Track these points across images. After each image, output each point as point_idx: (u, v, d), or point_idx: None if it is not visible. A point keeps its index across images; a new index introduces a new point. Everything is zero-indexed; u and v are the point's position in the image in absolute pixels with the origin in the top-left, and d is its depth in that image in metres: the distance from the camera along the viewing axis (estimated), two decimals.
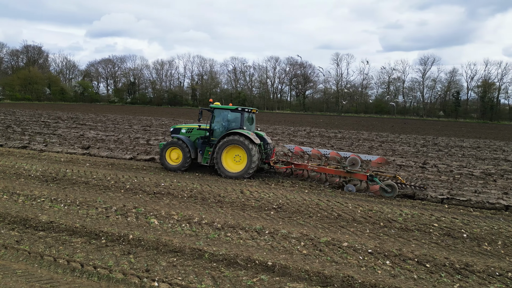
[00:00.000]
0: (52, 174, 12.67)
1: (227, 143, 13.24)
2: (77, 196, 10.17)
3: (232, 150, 13.41)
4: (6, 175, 12.40)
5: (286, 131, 34.09)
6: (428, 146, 26.60)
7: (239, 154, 13.35)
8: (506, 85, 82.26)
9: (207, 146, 13.97)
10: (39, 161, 15.10)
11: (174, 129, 15.37)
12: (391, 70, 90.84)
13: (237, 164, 13.49)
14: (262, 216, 9.11)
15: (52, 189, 10.83)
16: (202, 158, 14.01)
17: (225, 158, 13.50)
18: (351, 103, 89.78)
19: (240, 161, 13.38)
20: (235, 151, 13.41)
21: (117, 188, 11.29)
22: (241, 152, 13.26)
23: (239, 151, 13.31)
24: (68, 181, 11.85)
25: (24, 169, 13.41)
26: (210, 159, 13.70)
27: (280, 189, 11.97)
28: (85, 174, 13.00)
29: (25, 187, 10.93)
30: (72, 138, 22.66)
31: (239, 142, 13.07)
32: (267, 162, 14.29)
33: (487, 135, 40.59)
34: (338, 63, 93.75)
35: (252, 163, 13.00)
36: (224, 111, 14.25)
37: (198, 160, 14.07)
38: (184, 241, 7.25)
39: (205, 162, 13.92)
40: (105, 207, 9.30)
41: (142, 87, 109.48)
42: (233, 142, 13.14)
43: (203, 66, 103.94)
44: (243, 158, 13.25)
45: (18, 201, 9.56)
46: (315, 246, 7.30)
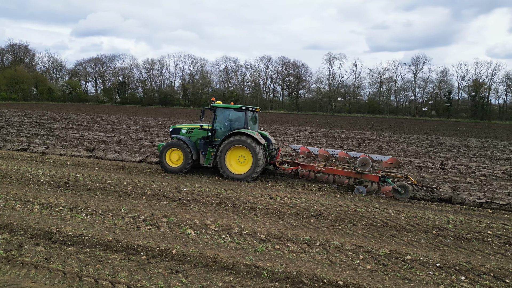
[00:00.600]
0: (62, 179, 11.81)
1: (231, 144, 12.63)
2: (97, 204, 9.37)
3: (236, 151, 12.81)
4: (13, 180, 11.49)
5: (288, 131, 33.49)
6: (436, 146, 26.29)
7: (244, 155, 12.76)
8: (496, 85, 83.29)
9: (209, 146, 13.34)
10: (44, 165, 14.18)
11: (173, 129, 14.64)
12: (382, 70, 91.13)
13: (242, 166, 12.87)
14: (304, 225, 8.45)
15: (67, 196, 9.99)
16: (204, 159, 13.34)
17: (229, 159, 12.89)
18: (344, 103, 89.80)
19: (244, 162, 12.80)
20: (239, 152, 12.82)
21: (137, 194, 10.51)
22: (246, 153, 12.67)
23: (244, 152, 12.72)
24: (83, 187, 11.01)
25: (30, 173, 12.50)
26: (213, 160, 13.08)
27: (310, 194, 11.33)
28: (98, 178, 12.17)
29: (38, 194, 10.07)
30: (72, 139, 21.65)
31: (243, 143, 12.47)
32: (273, 163, 13.72)
33: (485, 134, 40.66)
34: (331, 62, 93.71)
35: (258, 164, 12.41)
36: (227, 110, 13.59)
37: (200, 162, 13.42)
38: (232, 256, 6.55)
39: (208, 164, 13.25)
40: (131, 216, 8.53)
41: (132, 86, 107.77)
42: (238, 142, 12.54)
43: (194, 66, 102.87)
44: (248, 159, 12.69)
45: (34, 210, 8.72)
46: (376, 260, 6.67)
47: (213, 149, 13.20)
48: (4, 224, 7.62)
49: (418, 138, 32.53)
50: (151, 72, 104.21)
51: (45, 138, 21.79)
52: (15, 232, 7.30)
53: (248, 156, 12.71)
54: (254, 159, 12.45)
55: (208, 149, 13.31)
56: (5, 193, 9.99)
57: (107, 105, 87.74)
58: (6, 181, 11.42)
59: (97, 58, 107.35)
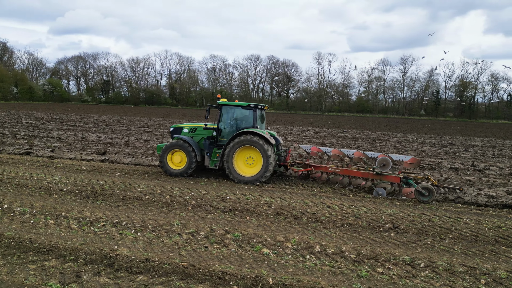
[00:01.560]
0: (87, 188, 10.50)
1: (239, 144, 11.77)
2: (142, 217, 8.16)
3: (244, 151, 11.97)
4: (32, 190, 10.13)
5: (292, 131, 32.55)
6: (448, 146, 25.80)
7: (252, 155, 11.91)
8: (483, 84, 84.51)
9: (214, 147, 12.39)
10: (58, 171, 12.79)
11: (174, 129, 13.60)
12: (370, 69, 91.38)
13: (250, 167, 11.98)
14: (388, 241, 7.47)
15: (103, 209, 8.74)
16: (209, 161, 12.40)
17: (236, 161, 11.96)
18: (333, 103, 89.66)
19: (253, 163, 11.93)
20: (247, 153, 11.96)
21: (180, 204, 9.33)
22: (255, 154, 11.84)
23: (252, 153, 11.87)
24: (114, 197, 9.75)
25: (47, 181, 11.14)
26: (219, 162, 12.15)
27: (366, 201, 10.37)
28: (126, 186, 10.91)
29: (67, 206, 8.78)
30: (75, 142, 20.13)
31: (253, 143, 11.62)
32: (283, 165, 12.79)
33: (482, 133, 40.63)
34: (320, 62, 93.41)
35: (268, 165, 11.56)
36: (234, 108, 12.72)
37: (205, 164, 12.48)
38: (335, 283, 5.52)
39: (213, 166, 12.34)
40: (189, 232, 7.39)
41: (116, 85, 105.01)
42: (247, 142, 11.70)
43: (181, 64, 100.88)
44: (257, 160, 11.84)
45: (73, 227, 7.47)
46: (502, 285, 5.74)
47: (219, 150, 12.28)
48: (47, 247, 6.37)
49: (423, 137, 32.09)
50: (136, 70, 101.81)
51: (45, 140, 20.19)
52: (64, 258, 6.06)
53: (257, 157, 11.85)
54: (265, 160, 11.59)
55: (214, 150, 12.37)
56: (29, 206, 8.67)
57: (91, 105, 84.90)
58: (24, 190, 10.06)
59: (80, 56, 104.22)
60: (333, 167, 12.28)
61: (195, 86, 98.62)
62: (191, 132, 13.20)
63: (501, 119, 77.01)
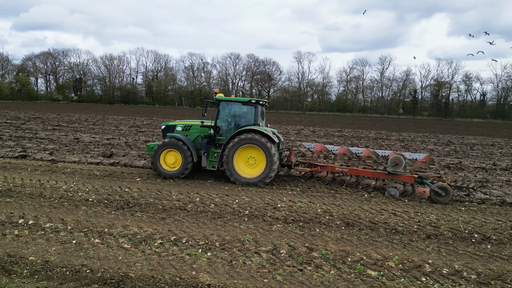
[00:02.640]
0: (114, 197, 9.16)
1: (240, 143, 10.87)
2: (202, 233, 6.98)
3: (245, 151, 11.07)
4: (52, 201, 8.69)
5: (289, 130, 31.67)
6: (451, 145, 25.65)
7: (254, 155, 11.05)
8: (457, 84, 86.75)
9: (212, 147, 11.42)
10: (69, 177, 11.31)
11: (166, 127, 12.55)
12: (349, 69, 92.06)
13: (251, 168, 11.12)
14: (492, 255, 6.64)
15: (148, 222, 7.49)
16: (207, 161, 11.43)
17: (237, 161, 11.05)
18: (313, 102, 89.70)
19: (255, 164, 11.07)
20: (248, 153, 11.08)
21: (233, 215, 8.20)
22: (257, 153, 10.99)
23: (254, 152, 11.01)
24: (153, 207, 8.48)
25: (63, 189, 9.69)
26: (218, 162, 11.19)
27: (427, 207, 9.52)
28: (157, 194, 9.64)
29: (105, 220, 7.48)
30: (70, 143, 18.39)
31: (256, 141, 10.76)
32: (287, 165, 11.98)
33: (465, 131, 41.15)
34: (300, 61, 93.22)
35: (272, 165, 10.74)
36: (233, 104, 11.82)
37: (202, 165, 11.53)
38: None
39: (211, 167, 11.37)
40: (267, 250, 6.30)
41: (89, 83, 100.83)
42: (248, 141, 10.81)
43: (158, 62, 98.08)
44: (260, 160, 11.01)
45: (125, 247, 6.24)
46: None
47: (217, 150, 11.35)
48: (114, 276, 5.12)
49: (418, 136, 31.95)
50: (110, 68, 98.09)
51: (36, 142, 18.34)
52: None
53: (259, 157, 10.98)
54: (268, 160, 10.74)
55: (211, 150, 11.40)
56: (58, 221, 7.30)
57: (62, 104, 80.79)
58: (42, 201, 8.61)
59: (49, 52, 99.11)
60: (340, 166, 11.53)
61: (172, 84, 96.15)
62: (185, 130, 12.16)
63: (475, 118, 79.24)
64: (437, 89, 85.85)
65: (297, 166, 12.10)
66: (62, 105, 71.46)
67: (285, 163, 12.01)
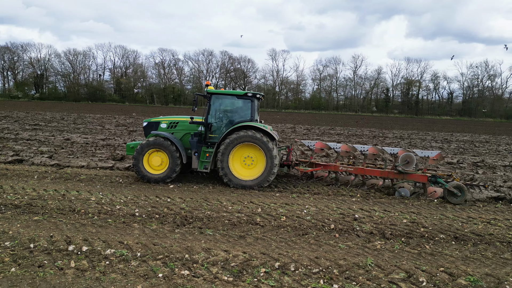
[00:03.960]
0: (162, 210, 7.71)
1: (237, 141, 9.79)
2: (305, 255, 5.73)
3: (241, 150, 10.03)
4: (93, 219, 7.14)
5: (284, 128, 30.62)
6: (451, 142, 25.56)
7: (251, 155, 10.03)
8: (426, 83, 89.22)
9: (203, 145, 10.26)
10: (89, 185, 9.68)
11: (148, 124, 11.18)
12: (322, 67, 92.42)
13: (248, 169, 10.13)
14: None
15: (227, 243, 6.17)
16: (198, 162, 10.20)
17: (232, 162, 10.03)
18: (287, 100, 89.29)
19: (252, 164, 10.09)
20: (244, 152, 10.05)
21: (318, 230, 6.99)
22: (255, 153, 10.00)
23: (252, 151, 10.01)
24: (219, 222, 7.13)
25: (95, 202, 8.13)
26: (211, 163, 10.06)
27: (481, 211, 8.72)
28: (208, 205, 8.29)
29: (176, 243, 6.09)
30: (63, 144, 16.40)
31: (255, 140, 9.74)
32: (286, 164, 11.16)
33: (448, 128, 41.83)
34: (275, 59, 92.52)
35: (273, 166, 9.77)
36: (227, 97, 10.78)
37: (193, 166, 10.26)
38: None
39: (203, 168, 10.18)
40: (400, 278, 5.17)
41: (51, 80, 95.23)
42: (247, 139, 9.76)
43: (127, 58, 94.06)
44: (258, 161, 10.02)
45: (228, 280, 4.91)
46: None
47: (209, 149, 10.21)
48: None
49: (407, 133, 31.86)
50: (74, 64, 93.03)
51: (23, 143, 16.19)
52: None
53: (258, 157, 9.99)
54: (268, 159, 9.76)
55: (203, 149, 10.20)
56: (119, 245, 5.82)
57: (23, 101, 75.36)
58: (80, 219, 7.03)
59: (6, 47, 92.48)
60: (345, 165, 10.72)
61: (142, 81, 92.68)
62: (171, 127, 10.86)
63: (443, 115, 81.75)
64: (407, 88, 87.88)
65: (298, 166, 11.12)
66: (23, 103, 66.66)
67: (284, 163, 11.14)
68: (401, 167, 9.74)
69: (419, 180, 9.75)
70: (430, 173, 9.90)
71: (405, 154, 9.84)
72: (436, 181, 9.49)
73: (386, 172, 10.12)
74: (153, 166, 10.15)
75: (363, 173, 10.43)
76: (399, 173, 9.83)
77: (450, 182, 9.43)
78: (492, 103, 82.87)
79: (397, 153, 10.27)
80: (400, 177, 9.96)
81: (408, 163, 9.72)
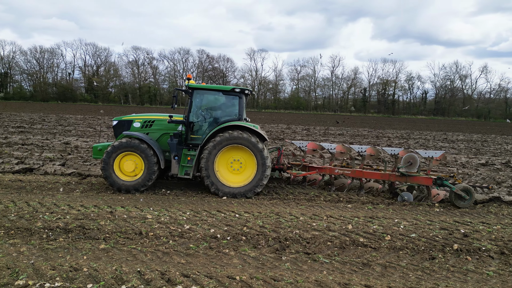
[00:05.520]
0: (240, 230, 6.54)
1: (224, 143, 8.74)
2: None
3: (227, 153, 8.95)
4: (175, 246, 5.88)
5: (272, 129, 29.65)
6: (452, 142, 25.46)
7: (240, 158, 8.98)
8: (401, 83, 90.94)
9: (184, 148, 9.10)
10: (130, 199, 8.31)
11: (119, 123, 9.75)
12: (300, 67, 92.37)
13: (237, 174, 9.06)
14: None
15: (355, 273, 5.12)
16: (178, 167, 9.01)
17: (218, 166, 8.98)
18: (266, 99, 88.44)
19: (240, 169, 9.03)
20: (231, 155, 8.97)
21: (439, 250, 6.00)
22: (243, 155, 8.95)
23: (239, 154, 8.95)
24: (321, 245, 6.02)
25: (157, 222, 6.85)
26: (194, 168, 8.94)
27: None
28: (291, 223, 7.17)
29: (293, 275, 4.95)
30: (65, 149, 14.69)
31: (244, 141, 8.70)
32: (278, 168, 10.24)
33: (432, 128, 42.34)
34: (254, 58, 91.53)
35: (265, 170, 8.78)
36: (211, 93, 9.63)
37: (172, 172, 9.05)
38: None
39: (184, 174, 8.99)
40: None
41: (16, 79, 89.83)
42: (235, 141, 8.71)
43: (98, 56, 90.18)
44: (247, 165, 8.98)
45: None
46: None
47: (191, 152, 9.05)
48: None
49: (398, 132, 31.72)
50: (41, 62, 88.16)
51: (19, 148, 14.35)
52: None
53: (247, 160, 8.95)
54: (259, 163, 8.77)
55: (183, 152, 9.03)
56: (228, 280, 4.63)
57: None
58: (160, 246, 5.76)
59: None
60: (341, 168, 9.97)
61: (115, 80, 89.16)
62: (146, 126, 9.53)
63: (418, 115, 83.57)
64: (383, 88, 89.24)
65: (290, 169, 10.16)
66: None
67: (275, 167, 10.15)
68: (404, 169, 8.98)
69: (423, 183, 8.99)
70: (436, 175, 9.12)
71: (408, 155, 9.08)
72: (443, 183, 8.72)
73: (386, 175, 9.32)
74: (126, 172, 8.82)
75: (361, 176, 9.57)
76: (402, 176, 9.06)
77: (457, 185, 8.72)
78: (463, 102, 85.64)
79: (398, 154, 9.50)
80: (402, 180, 9.14)
81: (411, 164, 8.97)
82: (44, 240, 5.70)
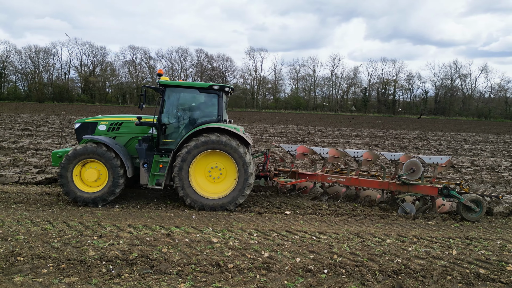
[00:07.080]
0: (336, 261, 5.54)
1: (200, 148, 7.72)
2: None
3: (205, 159, 7.94)
4: (256, 279, 4.85)
5: (274, 130, 28.68)
6: (463, 143, 24.70)
7: (218, 165, 7.97)
8: (401, 83, 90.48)
9: (155, 154, 8.08)
10: (180, 216, 7.33)
11: (82, 126, 8.62)
12: (299, 67, 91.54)
13: (215, 184, 8.05)
14: None
15: None
16: (148, 176, 7.98)
17: (194, 175, 7.96)
18: (265, 99, 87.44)
19: (220, 176, 8.03)
20: (209, 161, 7.97)
21: None
22: (223, 162, 7.95)
23: (218, 160, 7.95)
24: (421, 279, 5.03)
25: (229, 247, 5.80)
26: (166, 177, 7.93)
27: None
28: (362, 241, 6.16)
29: None
30: None
31: (223, 146, 7.72)
32: (263, 175, 9.15)
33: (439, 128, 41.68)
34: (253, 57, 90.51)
35: (248, 178, 7.81)
36: (186, 91, 8.60)
37: (141, 181, 8.00)
38: None
39: (155, 184, 7.97)
40: None
41: (10, 79, 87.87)
42: (213, 145, 7.71)
43: (95, 55, 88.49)
44: (228, 172, 7.99)
45: None
46: None
47: (163, 158, 8.06)
48: None
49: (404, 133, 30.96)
50: (36, 62, 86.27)
51: (36, 155, 13.23)
52: None
53: (227, 166, 7.96)
54: (242, 171, 7.80)
55: (154, 159, 8.01)
56: None
57: None
58: (238, 282, 4.73)
59: None
60: (334, 175, 8.98)
61: (112, 80, 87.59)
62: (112, 129, 8.49)
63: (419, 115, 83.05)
64: (384, 87, 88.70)
65: (277, 177, 9.11)
66: None
67: (260, 174, 9.10)
68: (405, 176, 8.05)
69: (427, 192, 8.08)
70: (442, 183, 8.21)
71: (410, 161, 8.10)
72: (449, 194, 7.75)
73: (386, 183, 8.41)
74: (87, 182, 7.80)
75: (357, 184, 8.65)
76: (403, 184, 8.14)
77: (466, 195, 7.80)
78: (463, 101, 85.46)
79: (398, 160, 8.55)
80: (404, 189, 8.25)
81: (413, 171, 8.00)
82: (106, 277, 4.66)
